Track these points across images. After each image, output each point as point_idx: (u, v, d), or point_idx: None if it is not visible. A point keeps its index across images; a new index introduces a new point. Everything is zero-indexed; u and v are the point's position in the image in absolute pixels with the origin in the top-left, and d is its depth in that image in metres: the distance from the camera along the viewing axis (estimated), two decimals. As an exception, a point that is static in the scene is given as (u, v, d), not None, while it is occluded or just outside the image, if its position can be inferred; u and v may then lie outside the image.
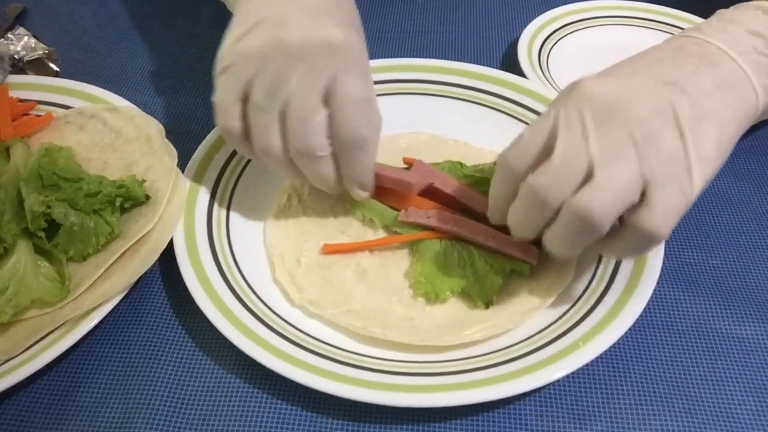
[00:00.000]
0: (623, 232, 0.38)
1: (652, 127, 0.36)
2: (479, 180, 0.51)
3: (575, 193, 0.37)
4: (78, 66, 0.70)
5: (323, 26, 0.42)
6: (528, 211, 0.40)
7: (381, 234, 0.51)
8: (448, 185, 0.50)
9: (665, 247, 0.46)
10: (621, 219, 0.38)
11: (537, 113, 0.58)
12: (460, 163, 0.53)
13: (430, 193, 0.50)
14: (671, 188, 0.36)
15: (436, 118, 0.59)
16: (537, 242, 0.48)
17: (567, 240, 0.39)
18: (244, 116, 0.44)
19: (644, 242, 0.38)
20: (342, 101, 0.42)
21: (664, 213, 0.36)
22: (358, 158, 0.45)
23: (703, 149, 0.37)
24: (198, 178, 0.52)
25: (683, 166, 0.36)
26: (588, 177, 0.36)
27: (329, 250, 0.49)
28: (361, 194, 0.48)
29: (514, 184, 0.40)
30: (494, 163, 0.53)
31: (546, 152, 0.38)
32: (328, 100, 0.43)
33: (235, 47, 0.43)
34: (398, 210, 0.50)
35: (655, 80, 0.38)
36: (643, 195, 0.36)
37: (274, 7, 0.43)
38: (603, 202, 0.36)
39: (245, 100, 0.44)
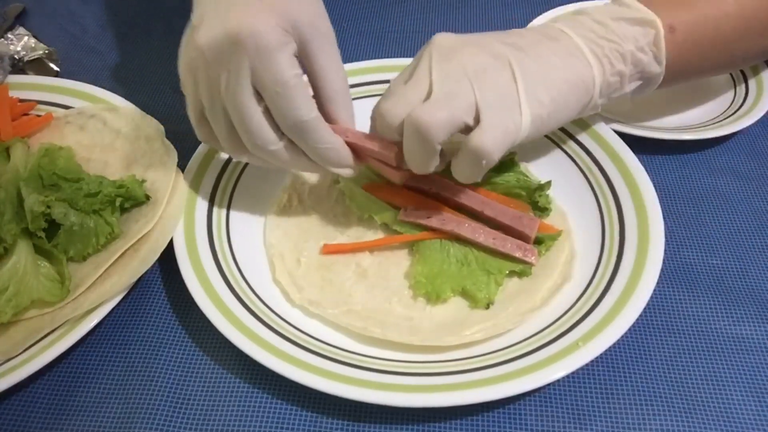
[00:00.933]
0: (461, 152, 0.43)
1: (484, 64, 0.43)
2: (485, 182, 0.51)
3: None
4: (78, 66, 0.70)
5: (229, 19, 0.41)
6: (382, 131, 0.45)
7: (381, 234, 0.51)
8: (448, 189, 0.50)
9: (665, 247, 0.46)
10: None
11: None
12: None
13: (431, 195, 0.50)
14: (501, 115, 0.42)
15: (436, 118, 0.59)
16: (536, 243, 0.48)
17: (413, 155, 0.44)
18: (206, 119, 0.46)
19: (476, 160, 0.42)
20: (267, 89, 0.41)
21: (492, 132, 0.41)
22: (311, 140, 0.44)
23: (534, 92, 0.43)
24: (198, 178, 0.52)
25: (514, 101, 0.42)
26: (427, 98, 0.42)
27: (329, 250, 0.49)
28: (344, 172, 0.47)
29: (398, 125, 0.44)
30: None
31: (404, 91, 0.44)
32: (259, 91, 0.42)
33: (180, 61, 0.45)
34: (398, 209, 0.50)
35: (499, 41, 0.45)
36: (477, 120, 0.42)
37: (200, 7, 0.43)
38: (434, 113, 0.41)
39: (201, 106, 0.45)
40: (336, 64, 0.45)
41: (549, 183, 0.51)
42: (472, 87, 0.42)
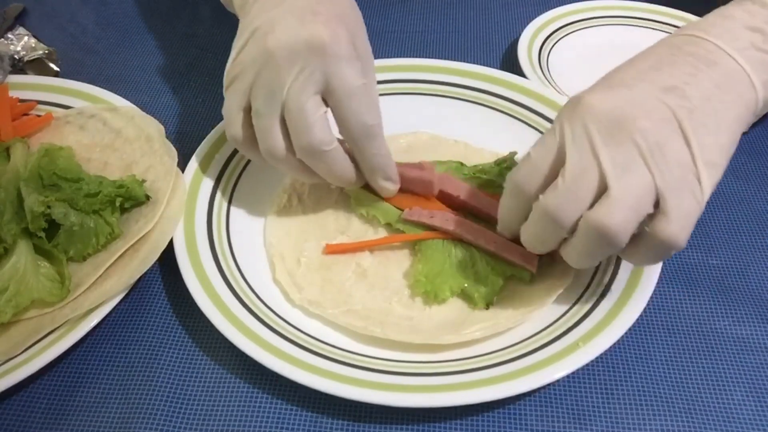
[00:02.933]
0: (642, 242, 0.38)
1: (658, 137, 0.36)
2: (485, 182, 0.51)
3: (591, 208, 0.37)
4: (78, 66, 0.70)
5: (307, 26, 0.43)
6: (543, 231, 0.40)
7: (381, 234, 0.51)
8: (459, 188, 0.50)
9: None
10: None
11: (537, 113, 0.58)
12: (461, 163, 0.53)
13: (439, 195, 0.50)
14: (684, 196, 0.37)
15: (436, 118, 0.59)
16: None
17: (586, 254, 0.39)
18: (250, 125, 0.46)
19: (663, 251, 0.38)
20: (339, 94, 0.43)
21: (681, 221, 0.37)
22: (371, 147, 0.46)
23: (708, 154, 0.37)
24: (198, 178, 0.52)
25: (693, 173, 0.37)
26: (601, 192, 0.37)
27: (331, 250, 0.49)
28: (388, 186, 0.49)
29: (525, 204, 0.41)
30: (495, 163, 0.53)
31: (555, 171, 0.39)
32: (326, 97, 0.44)
33: (235, 61, 0.45)
34: (401, 209, 0.50)
35: (655, 87, 0.38)
36: (657, 205, 0.37)
37: (266, 13, 0.45)
38: (620, 215, 0.36)
39: (249, 109, 0.45)
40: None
41: None
42: (650, 171, 0.36)
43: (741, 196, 0.55)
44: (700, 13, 0.44)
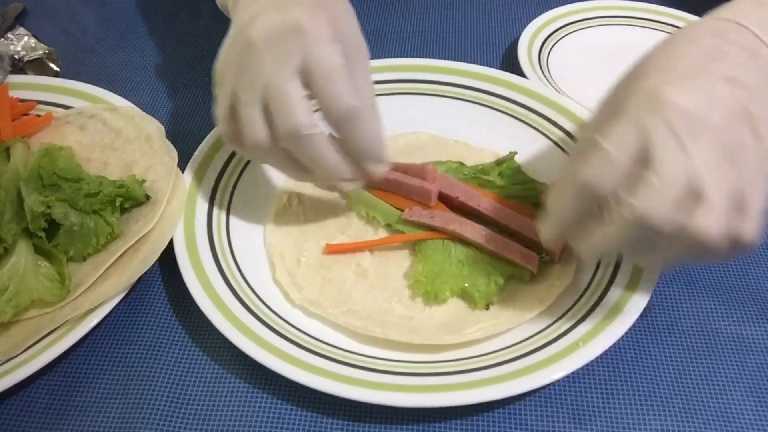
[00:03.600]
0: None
1: (738, 135, 0.36)
2: (485, 182, 0.51)
3: (689, 215, 0.35)
4: (78, 66, 0.70)
5: (285, 13, 0.42)
6: (630, 238, 0.37)
7: (381, 234, 0.51)
8: (458, 190, 0.50)
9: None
10: None
11: (537, 113, 0.58)
12: (461, 163, 0.53)
13: (444, 199, 0.51)
14: (761, 192, 0.36)
15: (436, 118, 0.59)
16: (537, 249, 0.48)
17: (680, 259, 0.38)
18: (236, 120, 0.44)
19: (744, 250, 0.37)
20: (318, 76, 0.42)
21: (758, 218, 0.36)
22: (356, 130, 0.43)
23: None
24: (198, 178, 0.52)
25: (765, 167, 0.36)
26: (694, 196, 0.35)
27: (332, 250, 0.49)
28: (379, 168, 0.46)
29: (593, 203, 0.37)
30: (495, 163, 0.53)
31: (634, 170, 0.36)
32: (307, 80, 0.42)
33: (221, 58, 0.45)
34: (401, 209, 0.50)
35: (720, 78, 0.37)
36: (738, 204, 0.35)
37: (248, 9, 0.44)
38: (721, 222, 0.34)
39: (234, 104, 0.44)
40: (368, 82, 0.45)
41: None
42: (737, 175, 0.35)
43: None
44: (699, 13, 0.44)
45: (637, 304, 0.42)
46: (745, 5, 0.41)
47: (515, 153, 0.54)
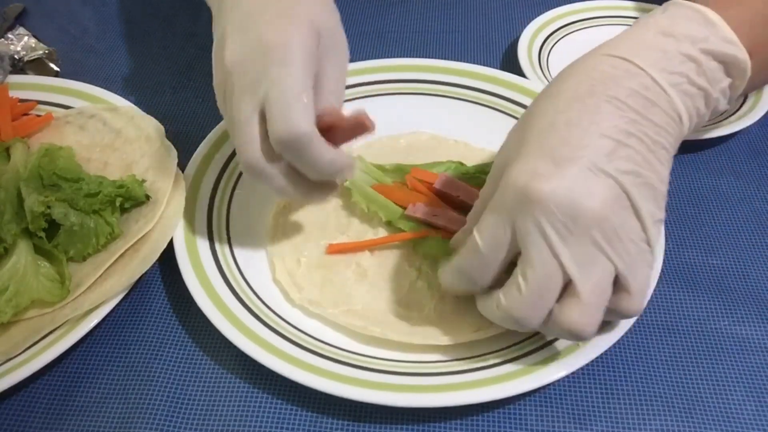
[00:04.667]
0: (609, 316, 0.38)
1: (613, 222, 0.35)
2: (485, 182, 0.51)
3: (559, 307, 0.36)
4: (78, 66, 0.70)
5: (252, 31, 0.41)
6: (509, 326, 0.39)
7: (382, 234, 0.51)
8: (458, 188, 0.50)
9: (665, 247, 0.46)
10: None
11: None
12: (461, 163, 0.53)
13: (438, 194, 0.51)
14: (641, 269, 0.37)
15: (436, 118, 0.59)
16: None
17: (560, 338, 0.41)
18: None
19: (628, 318, 0.41)
20: (272, 101, 0.39)
21: (642, 293, 0.37)
22: (303, 157, 0.40)
23: (655, 212, 0.37)
24: (198, 178, 0.52)
25: (644, 241, 0.37)
26: (563, 286, 0.36)
27: (333, 249, 0.49)
28: (341, 178, 0.44)
29: (475, 289, 0.41)
30: None
31: (506, 263, 0.38)
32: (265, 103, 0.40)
33: (213, 81, 0.44)
34: (403, 207, 0.50)
35: (599, 153, 0.36)
36: (615, 282, 0.36)
37: (220, 21, 0.44)
38: (591, 314, 0.36)
39: None
40: (342, 79, 0.45)
41: None
42: (611, 261, 0.36)
43: (741, 196, 0.55)
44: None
45: (637, 304, 0.42)
46: (650, 35, 0.39)
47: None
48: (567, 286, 0.36)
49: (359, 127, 0.42)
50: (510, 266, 0.38)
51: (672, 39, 0.39)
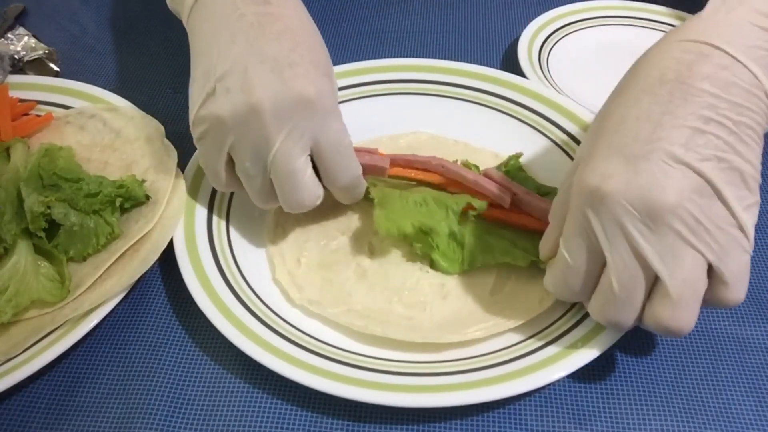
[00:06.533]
0: (710, 306, 0.37)
1: (695, 212, 0.34)
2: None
3: (650, 305, 0.36)
4: (78, 66, 0.70)
5: (292, 83, 0.41)
6: (611, 329, 0.40)
7: (381, 234, 0.50)
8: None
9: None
10: None
11: (537, 113, 0.58)
12: (476, 166, 0.53)
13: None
14: (736, 257, 0.35)
15: (436, 118, 0.59)
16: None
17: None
18: (233, 173, 0.46)
19: (726, 307, 0.39)
20: (331, 153, 0.44)
21: (739, 281, 0.36)
22: (355, 193, 0.48)
23: (745, 196, 0.35)
24: (198, 178, 0.52)
25: (736, 227, 0.35)
26: (651, 281, 0.36)
27: (394, 172, 0.51)
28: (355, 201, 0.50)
29: (574, 297, 0.40)
30: (504, 164, 0.53)
31: (595, 270, 0.38)
32: (315, 153, 0.44)
33: (206, 112, 0.43)
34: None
35: (675, 143, 0.35)
36: (710, 271, 0.35)
37: (232, 58, 0.43)
38: (686, 314, 0.35)
39: (231, 161, 0.45)
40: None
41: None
42: (699, 250, 0.34)
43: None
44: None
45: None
46: (717, 15, 0.38)
47: (521, 154, 0.54)
48: (657, 283, 0.35)
49: (376, 170, 0.49)
50: None
51: (743, 10, 0.37)
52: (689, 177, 0.34)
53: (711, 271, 0.35)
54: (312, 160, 0.44)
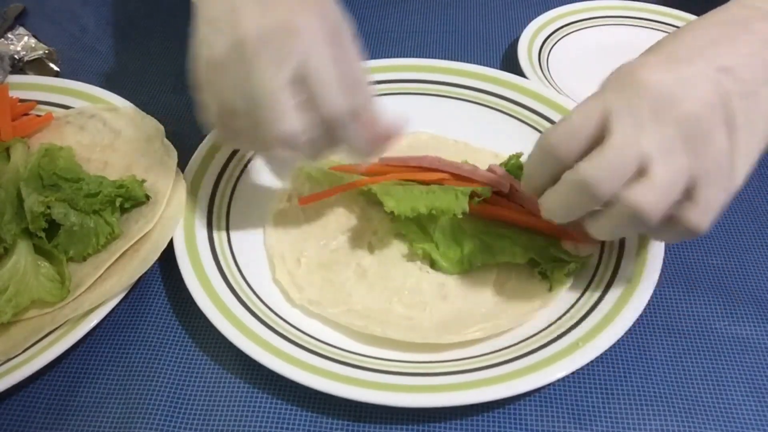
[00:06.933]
0: (667, 224, 0.38)
1: (704, 126, 0.36)
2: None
3: (627, 186, 0.37)
4: (78, 66, 0.70)
5: (276, 14, 0.41)
6: (574, 200, 0.39)
7: (381, 234, 0.51)
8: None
9: (665, 247, 0.46)
10: None
11: (537, 113, 0.58)
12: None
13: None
14: (716, 186, 0.37)
15: (436, 118, 0.59)
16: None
17: (614, 228, 0.39)
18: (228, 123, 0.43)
19: (686, 234, 0.39)
20: (313, 83, 0.40)
21: (708, 210, 0.37)
22: (347, 131, 0.42)
23: (750, 145, 0.37)
24: (198, 178, 0.52)
25: (729, 164, 0.37)
26: (640, 171, 0.37)
27: (306, 200, 0.51)
28: (369, 161, 0.47)
29: (556, 168, 0.40)
30: (504, 164, 0.53)
31: (593, 139, 0.38)
32: (302, 83, 0.41)
33: (200, 59, 0.43)
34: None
35: (711, 66, 0.37)
36: (688, 189, 0.37)
37: (224, 2, 0.42)
38: (657, 198, 0.36)
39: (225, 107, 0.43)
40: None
41: None
42: (689, 157, 0.36)
43: (741, 196, 0.55)
44: (700, 12, 0.44)
45: (637, 304, 0.42)
46: None
47: (521, 154, 0.54)
48: (642, 172, 0.36)
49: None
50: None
51: None
52: (716, 96, 0.36)
53: (688, 190, 0.37)
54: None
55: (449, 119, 0.59)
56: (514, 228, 0.49)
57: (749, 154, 0.38)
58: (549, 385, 0.43)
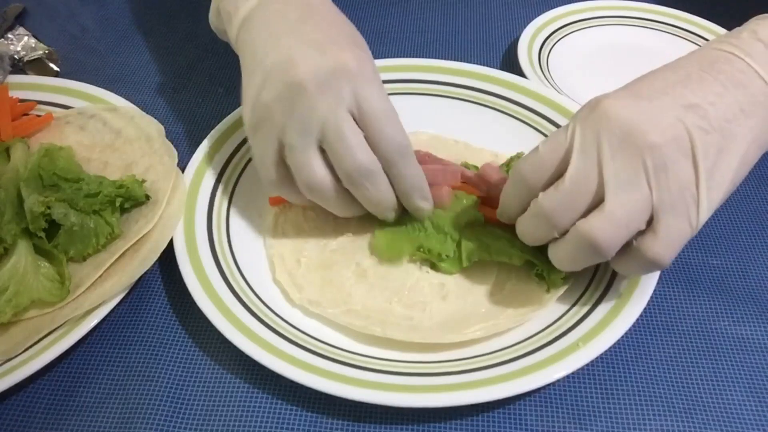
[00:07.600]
0: (627, 254, 0.39)
1: (666, 157, 0.36)
2: None
3: (584, 216, 0.37)
4: (78, 66, 0.70)
5: (331, 55, 0.43)
6: (535, 227, 0.41)
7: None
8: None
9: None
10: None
11: (537, 113, 0.58)
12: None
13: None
14: (678, 219, 0.37)
15: (436, 118, 0.59)
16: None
17: (571, 258, 0.40)
18: (285, 165, 0.45)
19: (646, 267, 0.39)
20: (373, 116, 0.43)
21: (669, 243, 0.37)
22: (407, 166, 0.45)
23: (716, 178, 0.37)
24: (198, 178, 0.52)
25: (693, 197, 0.37)
26: (598, 202, 0.37)
27: (275, 201, 0.51)
28: (424, 206, 0.47)
29: (526, 196, 0.41)
30: (505, 164, 0.53)
31: (560, 170, 0.39)
32: (359, 120, 0.43)
33: (256, 103, 0.44)
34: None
35: (677, 103, 0.38)
36: (650, 222, 0.37)
37: (278, 46, 0.44)
38: (610, 231, 0.37)
39: (282, 150, 0.44)
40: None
41: None
42: (650, 189, 0.36)
43: (741, 196, 0.55)
44: (700, 12, 0.44)
45: (637, 304, 0.42)
46: (745, 35, 0.41)
47: (521, 154, 0.54)
48: (600, 202, 0.37)
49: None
50: None
51: (751, 34, 0.41)
52: (678, 129, 0.37)
53: (650, 220, 0.37)
54: None
55: (449, 119, 0.59)
56: (511, 230, 0.49)
57: (717, 187, 0.38)
58: (549, 385, 0.43)
